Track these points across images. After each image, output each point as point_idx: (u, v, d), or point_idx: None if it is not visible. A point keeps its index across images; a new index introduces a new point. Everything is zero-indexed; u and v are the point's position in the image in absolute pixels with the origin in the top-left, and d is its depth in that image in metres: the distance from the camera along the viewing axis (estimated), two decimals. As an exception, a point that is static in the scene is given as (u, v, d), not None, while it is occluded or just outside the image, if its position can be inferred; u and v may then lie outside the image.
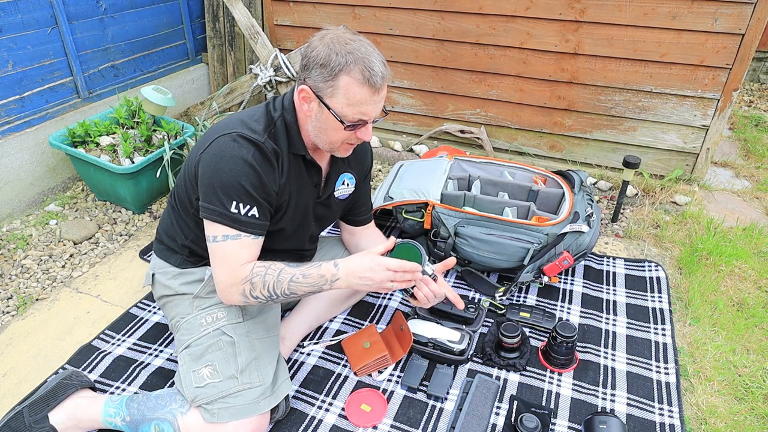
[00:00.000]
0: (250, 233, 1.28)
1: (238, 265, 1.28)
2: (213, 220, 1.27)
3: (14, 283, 2.01)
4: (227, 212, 1.25)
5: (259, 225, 1.30)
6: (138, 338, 1.75)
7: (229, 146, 1.25)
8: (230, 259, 1.28)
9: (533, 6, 2.52)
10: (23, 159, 2.41)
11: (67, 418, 1.36)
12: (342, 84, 1.20)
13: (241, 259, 1.28)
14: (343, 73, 1.19)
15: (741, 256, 2.16)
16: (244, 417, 1.27)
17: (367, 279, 1.25)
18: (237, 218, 1.26)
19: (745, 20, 2.25)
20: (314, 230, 1.58)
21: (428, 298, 1.37)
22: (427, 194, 2.03)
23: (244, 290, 1.28)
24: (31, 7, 2.34)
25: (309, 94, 1.26)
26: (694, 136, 2.59)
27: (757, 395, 1.59)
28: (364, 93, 1.21)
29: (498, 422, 1.48)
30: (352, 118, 1.24)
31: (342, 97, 1.21)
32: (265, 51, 2.69)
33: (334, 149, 1.35)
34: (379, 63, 1.21)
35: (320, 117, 1.27)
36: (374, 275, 1.25)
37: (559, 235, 1.89)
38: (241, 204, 1.25)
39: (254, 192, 1.26)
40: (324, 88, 1.22)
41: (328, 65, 1.19)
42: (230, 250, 1.27)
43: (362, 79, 1.19)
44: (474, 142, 2.97)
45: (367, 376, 1.62)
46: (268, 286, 1.28)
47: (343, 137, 1.30)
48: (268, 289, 1.28)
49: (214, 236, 1.28)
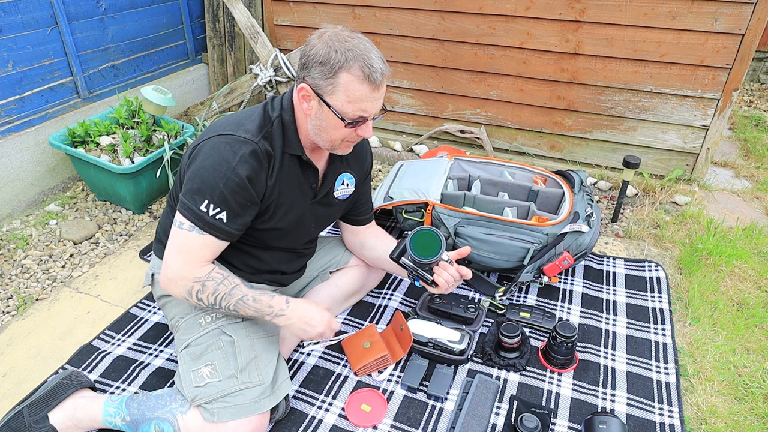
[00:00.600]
0: (212, 235, 1.28)
1: (195, 261, 1.29)
2: (182, 213, 1.28)
3: (14, 283, 2.01)
4: (196, 209, 1.26)
5: (223, 230, 1.29)
6: (138, 338, 1.75)
7: (219, 148, 1.26)
8: (190, 252, 1.28)
9: (533, 6, 2.52)
10: (23, 159, 2.41)
11: (67, 418, 1.36)
12: (342, 81, 1.20)
13: (200, 257, 1.29)
14: (342, 71, 1.19)
15: (741, 256, 2.16)
16: (244, 416, 1.27)
17: (308, 326, 1.36)
18: (202, 217, 1.26)
19: (745, 20, 2.25)
20: (313, 230, 1.58)
21: (448, 283, 1.44)
22: (427, 194, 2.03)
23: (192, 288, 1.29)
24: (31, 7, 2.34)
25: (309, 93, 1.26)
26: (694, 136, 2.59)
27: (757, 395, 1.59)
28: (364, 90, 1.21)
29: (498, 422, 1.48)
30: (353, 115, 1.25)
31: (342, 94, 1.22)
32: (265, 51, 2.69)
33: (335, 147, 1.35)
34: (378, 60, 1.22)
35: (320, 115, 1.27)
36: (316, 326, 1.37)
37: (559, 235, 1.89)
38: (212, 205, 1.25)
39: (230, 198, 1.26)
40: (324, 86, 1.22)
41: (327, 63, 1.19)
42: (192, 242, 1.28)
43: (362, 76, 1.20)
44: (474, 142, 2.97)
45: (367, 376, 1.62)
46: (218, 295, 1.30)
47: (344, 135, 1.30)
48: (216, 298, 1.30)
49: (180, 222, 1.28)
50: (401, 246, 1.46)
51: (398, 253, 1.47)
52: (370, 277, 1.87)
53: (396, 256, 1.47)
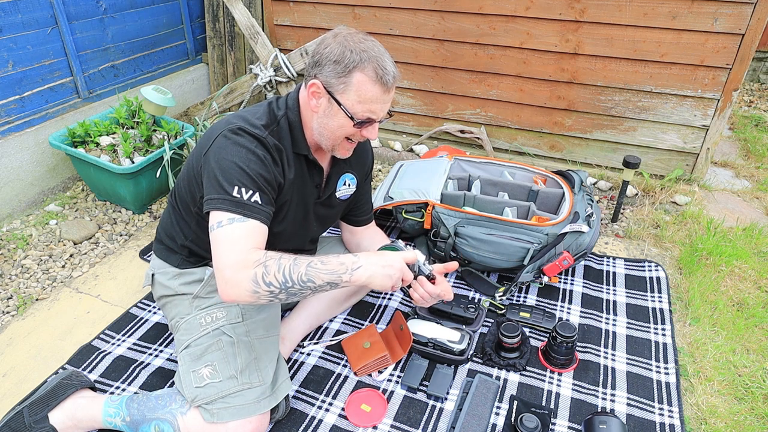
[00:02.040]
0: (255, 219, 1.20)
1: (248, 248, 1.17)
2: (216, 208, 1.19)
3: (14, 283, 2.01)
4: (230, 197, 1.19)
5: (262, 211, 1.22)
6: (138, 338, 1.75)
7: (232, 138, 1.25)
8: (239, 241, 1.17)
9: (533, 6, 2.52)
10: (23, 159, 2.41)
11: (67, 418, 1.36)
12: (355, 81, 1.21)
13: (250, 243, 1.18)
14: (356, 70, 1.20)
15: (741, 256, 2.16)
16: (244, 417, 1.27)
17: (389, 268, 1.23)
18: (240, 202, 1.19)
19: (745, 20, 2.25)
20: (315, 230, 1.58)
21: (424, 298, 1.40)
22: (427, 194, 2.03)
23: (256, 275, 1.14)
24: (31, 7, 2.34)
25: (320, 89, 1.26)
26: (694, 136, 2.59)
27: (757, 395, 1.59)
28: (376, 91, 1.22)
29: (498, 422, 1.48)
30: (362, 115, 1.25)
31: (353, 93, 1.23)
32: (265, 51, 2.69)
33: (335, 148, 1.35)
34: (391, 63, 1.24)
35: (329, 113, 1.28)
36: (394, 263, 1.24)
37: (559, 235, 1.89)
38: (243, 189, 1.20)
39: (256, 178, 1.22)
40: (336, 84, 1.23)
41: (342, 62, 1.20)
42: (238, 232, 1.17)
43: (375, 77, 1.21)
44: (474, 142, 2.97)
45: (367, 376, 1.62)
46: (284, 270, 1.15)
47: (348, 134, 1.30)
48: (283, 273, 1.15)
49: (218, 222, 1.18)
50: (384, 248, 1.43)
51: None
52: (370, 277, 1.87)
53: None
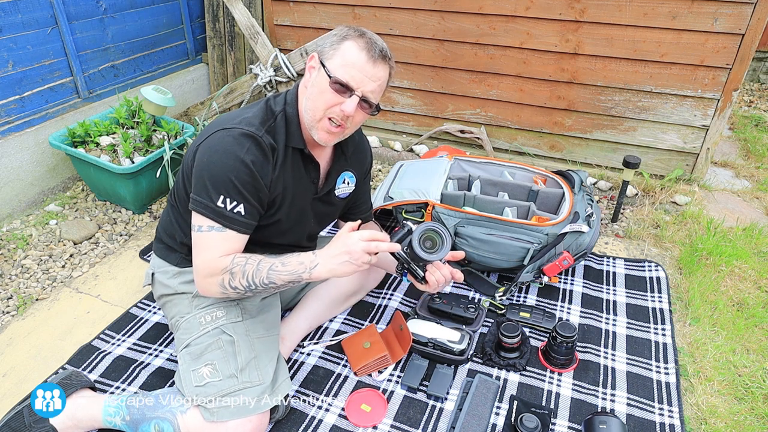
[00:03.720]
0: (233, 229, 1.29)
1: (219, 255, 1.29)
2: (199, 212, 1.28)
3: (14, 283, 2.01)
4: (213, 206, 1.26)
5: (243, 222, 1.30)
6: (138, 338, 1.75)
7: (225, 141, 1.26)
8: (212, 249, 1.29)
9: (533, 6, 2.52)
10: (23, 159, 2.41)
11: (67, 417, 1.36)
12: (343, 46, 1.27)
13: (223, 250, 1.29)
14: (348, 39, 1.28)
15: (741, 256, 2.16)
16: (244, 416, 1.27)
17: (344, 255, 1.26)
18: (222, 213, 1.27)
19: (745, 20, 2.25)
20: (313, 227, 1.58)
21: (439, 282, 1.42)
22: (427, 194, 2.03)
23: (223, 280, 1.29)
24: (31, 7, 2.34)
25: (315, 61, 1.31)
26: (694, 136, 2.59)
27: (757, 395, 1.59)
28: (360, 58, 1.25)
29: (498, 422, 1.48)
30: (340, 76, 1.26)
31: (339, 57, 1.27)
32: (265, 51, 2.69)
33: (316, 126, 1.32)
34: (383, 44, 1.29)
35: (315, 80, 1.31)
36: (350, 248, 1.26)
37: (559, 235, 1.89)
38: (228, 199, 1.26)
39: (243, 189, 1.27)
40: (327, 51, 1.29)
41: (339, 35, 1.29)
42: (213, 241, 1.28)
43: (362, 46, 1.26)
44: (474, 142, 2.97)
45: (367, 376, 1.62)
46: (248, 275, 1.28)
47: (327, 102, 1.27)
48: (247, 279, 1.29)
49: (199, 226, 1.29)
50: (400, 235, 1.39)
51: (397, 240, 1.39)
52: (369, 277, 1.87)
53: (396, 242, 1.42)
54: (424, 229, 1.38)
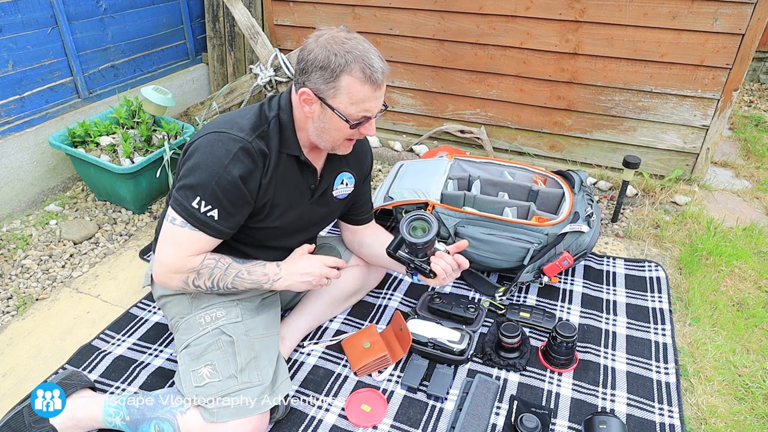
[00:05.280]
0: (203, 231, 1.29)
1: (188, 254, 1.30)
2: (173, 207, 1.29)
3: (14, 283, 2.01)
4: (188, 205, 1.27)
5: (214, 227, 1.29)
6: (138, 338, 1.75)
7: (213, 145, 1.26)
8: (183, 246, 1.30)
9: (533, 6, 2.52)
10: (23, 159, 2.41)
11: (67, 417, 1.36)
12: (344, 84, 1.21)
13: (193, 251, 1.30)
14: (344, 74, 1.20)
15: (741, 256, 2.16)
16: (244, 416, 1.27)
17: (307, 275, 1.41)
18: (194, 214, 1.27)
19: (745, 20, 2.25)
20: (312, 230, 1.58)
21: (446, 271, 1.42)
22: (427, 194, 2.03)
23: (188, 278, 1.32)
24: (31, 7, 2.34)
25: (311, 97, 1.26)
26: (694, 136, 2.59)
27: (757, 395, 1.59)
28: (366, 90, 1.23)
29: (498, 422, 1.48)
30: (357, 116, 1.26)
31: (345, 96, 1.23)
32: (265, 51, 2.69)
33: (336, 147, 1.36)
34: (378, 59, 1.23)
35: (323, 118, 1.28)
36: (315, 271, 1.41)
37: (559, 235, 1.89)
38: (203, 202, 1.26)
39: (222, 196, 1.26)
40: (326, 90, 1.23)
41: (328, 67, 1.20)
42: (185, 237, 1.29)
43: (363, 78, 1.21)
44: (474, 142, 2.97)
45: (367, 376, 1.62)
46: (214, 278, 1.33)
47: (347, 135, 1.32)
48: (212, 281, 1.34)
49: (173, 218, 1.29)
50: (397, 238, 1.44)
51: (395, 245, 1.45)
52: (370, 277, 1.87)
53: (393, 249, 1.45)
54: (408, 221, 1.41)
